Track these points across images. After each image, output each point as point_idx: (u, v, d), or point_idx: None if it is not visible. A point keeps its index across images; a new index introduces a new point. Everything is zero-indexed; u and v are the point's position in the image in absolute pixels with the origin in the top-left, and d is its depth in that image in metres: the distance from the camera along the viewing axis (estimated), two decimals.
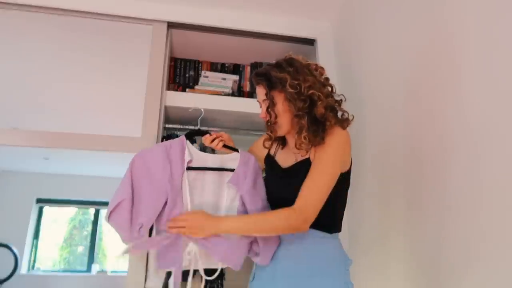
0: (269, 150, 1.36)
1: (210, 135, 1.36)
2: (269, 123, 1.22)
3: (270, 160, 1.35)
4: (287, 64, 1.19)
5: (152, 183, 1.26)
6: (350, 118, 1.22)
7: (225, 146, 1.35)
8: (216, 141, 1.34)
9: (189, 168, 1.30)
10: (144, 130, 1.71)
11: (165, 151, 1.31)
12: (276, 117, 1.20)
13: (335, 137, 1.15)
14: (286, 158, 1.29)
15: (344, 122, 1.20)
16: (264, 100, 1.22)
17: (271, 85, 1.19)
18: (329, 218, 1.19)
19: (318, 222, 1.15)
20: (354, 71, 1.80)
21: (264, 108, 1.22)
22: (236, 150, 1.37)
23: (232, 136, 1.44)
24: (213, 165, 1.34)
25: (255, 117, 1.88)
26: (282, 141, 1.34)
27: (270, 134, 1.27)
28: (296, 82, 1.15)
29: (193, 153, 1.33)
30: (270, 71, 1.20)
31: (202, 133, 1.40)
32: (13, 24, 2.03)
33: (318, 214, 1.14)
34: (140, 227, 1.21)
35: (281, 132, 1.24)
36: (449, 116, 1.12)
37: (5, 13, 1.83)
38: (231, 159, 1.35)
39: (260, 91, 1.23)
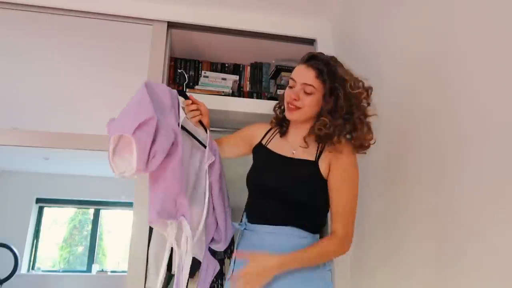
0: (262, 139, 1.34)
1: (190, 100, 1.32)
2: (290, 105, 1.20)
3: (262, 149, 1.32)
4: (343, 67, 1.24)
5: (163, 115, 1.10)
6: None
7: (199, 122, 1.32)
8: (196, 113, 1.31)
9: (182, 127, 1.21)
10: None
11: (170, 94, 1.20)
12: (307, 105, 1.18)
13: (353, 156, 1.21)
14: (282, 147, 1.28)
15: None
16: (306, 84, 1.18)
17: (323, 74, 1.18)
18: (318, 220, 1.23)
19: (307, 223, 1.17)
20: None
21: (301, 91, 1.19)
22: (205, 129, 1.32)
23: None
24: (191, 132, 1.27)
25: (255, 117, 1.88)
26: (281, 130, 1.32)
27: (276, 118, 1.33)
28: (351, 87, 1.20)
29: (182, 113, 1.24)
30: (332, 62, 1.21)
31: (185, 96, 1.32)
32: (13, 24, 2.03)
33: (309, 216, 1.17)
34: (153, 157, 1.03)
35: (297, 118, 1.22)
36: (450, 115, 1.12)
37: (5, 13, 1.83)
38: (204, 135, 1.30)
39: (310, 74, 1.18)
